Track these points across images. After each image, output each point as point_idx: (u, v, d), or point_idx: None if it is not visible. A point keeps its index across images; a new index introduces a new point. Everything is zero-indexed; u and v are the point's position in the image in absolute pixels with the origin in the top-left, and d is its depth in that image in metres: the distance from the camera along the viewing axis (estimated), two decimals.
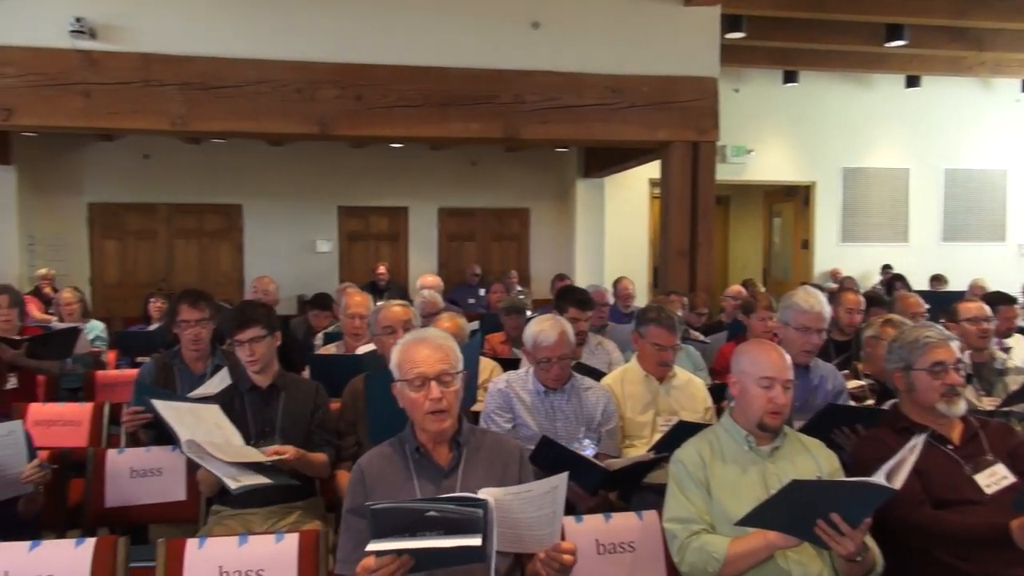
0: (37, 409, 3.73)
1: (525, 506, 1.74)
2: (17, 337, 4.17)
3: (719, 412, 3.41)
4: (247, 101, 6.23)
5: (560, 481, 1.76)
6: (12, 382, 3.96)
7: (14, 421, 2.46)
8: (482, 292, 9.20)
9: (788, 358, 2.30)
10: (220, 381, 3.22)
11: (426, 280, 5.68)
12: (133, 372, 4.54)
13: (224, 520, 2.82)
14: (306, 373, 3.68)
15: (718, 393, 3.47)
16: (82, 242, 9.72)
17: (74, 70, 6.03)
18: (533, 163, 10.54)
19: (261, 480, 2.49)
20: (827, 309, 3.18)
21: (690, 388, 3.33)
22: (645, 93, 6.77)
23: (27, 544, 2.09)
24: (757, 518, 1.98)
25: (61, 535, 2.94)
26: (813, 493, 1.94)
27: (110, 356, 5.37)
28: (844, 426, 2.75)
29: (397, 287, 9.33)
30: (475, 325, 5.09)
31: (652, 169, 9.08)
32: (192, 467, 2.96)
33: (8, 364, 3.86)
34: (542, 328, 3.00)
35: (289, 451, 2.65)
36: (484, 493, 1.70)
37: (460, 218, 10.71)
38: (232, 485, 2.37)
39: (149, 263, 9.94)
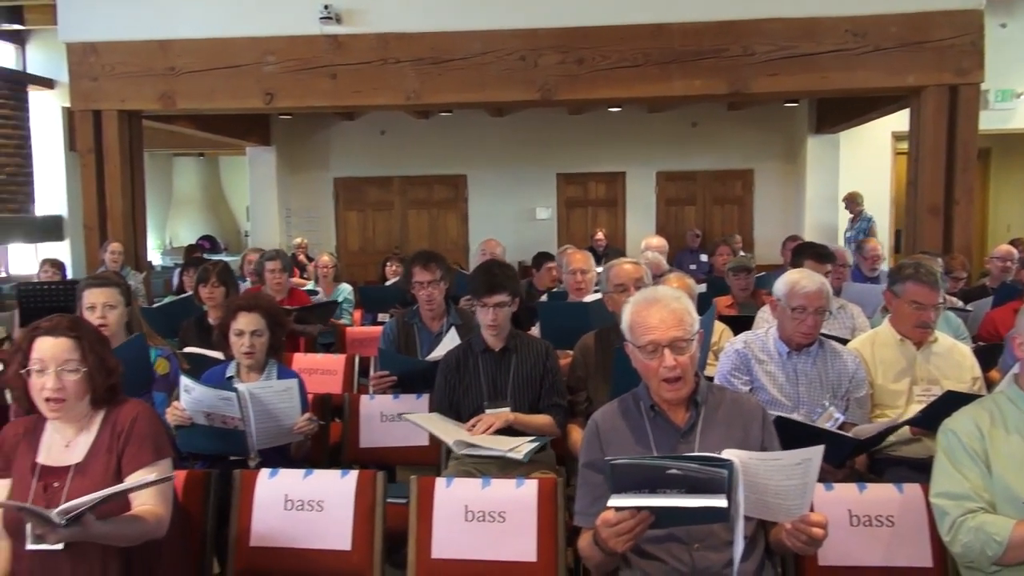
0: (299, 358, 4.16)
1: (773, 473, 1.64)
2: (288, 307, 4.71)
3: (988, 384, 3.04)
4: (473, 72, 6.46)
5: (814, 454, 1.63)
6: None
7: (292, 379, 2.73)
8: (703, 257, 8.92)
9: None
10: (450, 340, 3.38)
11: (650, 242, 5.58)
12: (376, 329, 4.95)
13: (463, 466, 2.96)
14: (535, 329, 3.76)
15: (984, 359, 3.08)
16: (329, 214, 10.71)
17: (323, 54, 6.59)
18: (758, 121, 9.98)
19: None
20: None
21: (954, 355, 2.97)
22: (892, 34, 6.10)
23: (301, 472, 2.34)
24: None
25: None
26: None
27: (356, 315, 5.89)
28: None
29: (615, 252, 9.27)
30: (702, 288, 4.93)
31: (896, 121, 8.21)
32: None
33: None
34: (801, 275, 2.82)
35: (499, 421, 2.71)
36: (729, 454, 1.62)
37: (679, 182, 10.43)
38: (517, 456, 2.54)
39: (386, 232, 10.74)
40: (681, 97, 6.73)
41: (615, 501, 1.64)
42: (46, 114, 9.97)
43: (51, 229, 10.05)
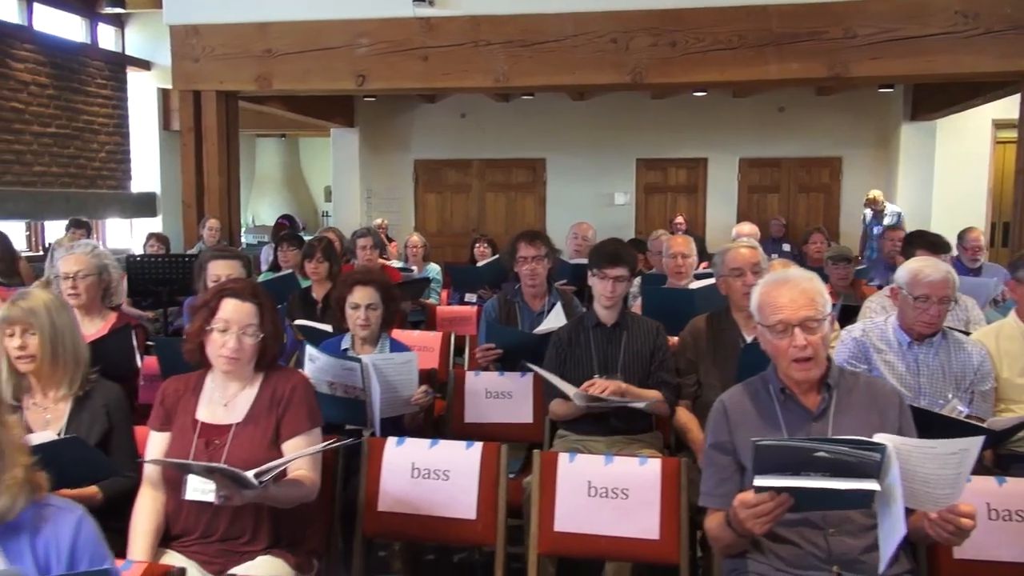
0: (397, 334, 4.24)
1: (926, 461, 1.60)
2: None
3: None
4: (563, 55, 6.44)
5: (972, 444, 1.59)
6: None
7: (411, 352, 2.81)
8: (786, 247, 8.72)
9: None
10: (555, 318, 3.41)
11: (742, 228, 5.49)
12: (464, 309, 5.02)
13: (569, 444, 3.00)
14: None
15: None
16: (408, 195, 10.86)
17: (415, 36, 6.67)
18: (849, 107, 9.67)
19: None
20: None
21: None
22: (1006, 15, 5.83)
23: (427, 442, 2.40)
24: None
25: None
26: None
27: (443, 294, 5.98)
28: None
29: (695, 239, 9.18)
30: None
31: (998, 108, 7.87)
32: (542, 393, 3.21)
33: None
34: (925, 263, 2.75)
35: (612, 385, 2.73)
36: (881, 438, 1.60)
37: (763, 168, 10.21)
38: (639, 405, 2.71)
39: (463, 214, 10.84)
40: (776, 81, 6.59)
41: (761, 481, 1.64)
42: (143, 94, 10.38)
43: (145, 205, 10.48)
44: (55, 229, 9.29)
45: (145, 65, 10.33)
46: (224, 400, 2.14)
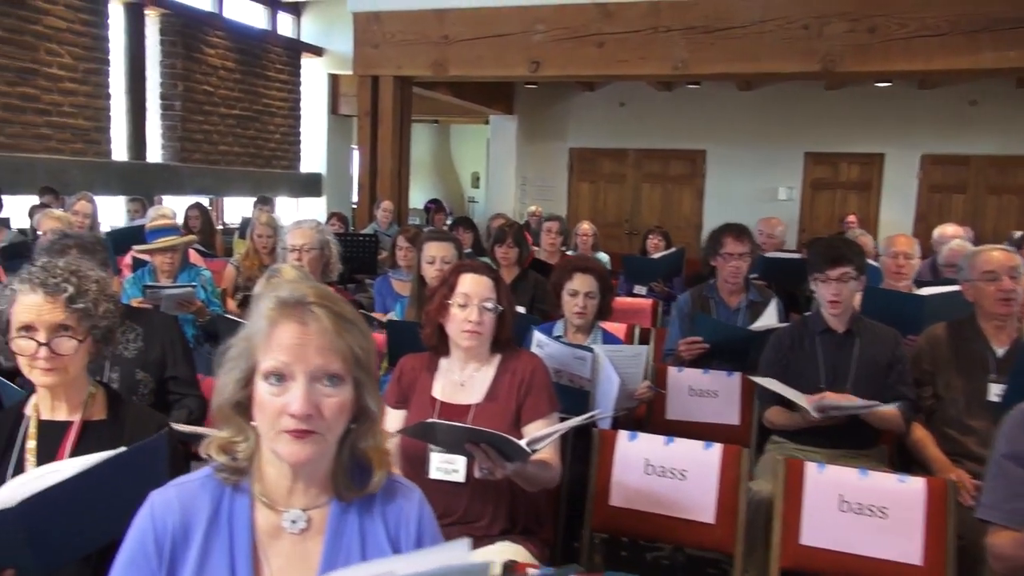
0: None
1: None
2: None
3: None
4: (748, 41, 6.16)
5: None
6: None
7: (642, 346, 2.73)
8: None
9: None
10: (771, 315, 3.24)
11: (945, 231, 5.04)
12: (639, 301, 4.90)
13: (787, 453, 2.83)
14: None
15: None
16: (562, 183, 10.83)
17: (591, 22, 6.58)
18: None
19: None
20: None
21: None
22: None
23: (662, 439, 2.32)
24: None
25: None
26: None
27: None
28: None
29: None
30: None
31: None
32: (750, 395, 3.06)
33: None
34: None
35: (843, 400, 2.53)
36: None
37: (948, 166, 9.43)
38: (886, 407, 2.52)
39: (617, 204, 10.69)
40: (989, 71, 6.02)
41: None
42: (314, 80, 10.87)
43: (312, 185, 11.00)
44: (234, 206, 9.91)
45: (318, 51, 10.81)
46: (461, 380, 2.13)
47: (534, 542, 2.12)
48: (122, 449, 1.31)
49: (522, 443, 1.67)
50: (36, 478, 1.21)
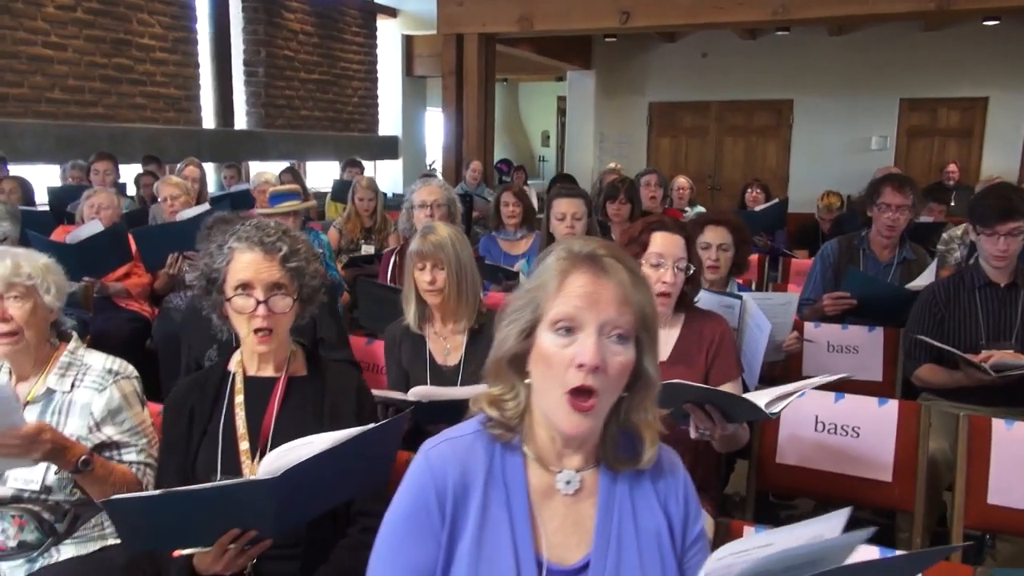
0: None
1: None
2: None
3: None
4: None
5: None
6: None
7: (791, 293, 2.63)
8: None
9: None
10: (927, 277, 3.08)
11: None
12: None
13: (942, 409, 2.71)
14: None
15: None
16: (641, 139, 10.60)
17: None
18: None
19: None
20: None
21: None
22: None
23: (832, 395, 2.24)
24: None
25: None
26: None
27: None
28: None
29: (965, 190, 8.21)
30: None
31: None
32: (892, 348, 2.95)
33: None
34: None
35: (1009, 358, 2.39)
36: None
37: None
38: None
39: (698, 159, 10.42)
40: None
41: None
42: (388, 41, 10.82)
43: (389, 148, 11.03)
44: (317, 169, 10.02)
45: (392, 12, 10.73)
46: None
47: (705, 499, 2.09)
48: (371, 425, 1.32)
49: (761, 403, 1.60)
50: (290, 450, 1.22)
